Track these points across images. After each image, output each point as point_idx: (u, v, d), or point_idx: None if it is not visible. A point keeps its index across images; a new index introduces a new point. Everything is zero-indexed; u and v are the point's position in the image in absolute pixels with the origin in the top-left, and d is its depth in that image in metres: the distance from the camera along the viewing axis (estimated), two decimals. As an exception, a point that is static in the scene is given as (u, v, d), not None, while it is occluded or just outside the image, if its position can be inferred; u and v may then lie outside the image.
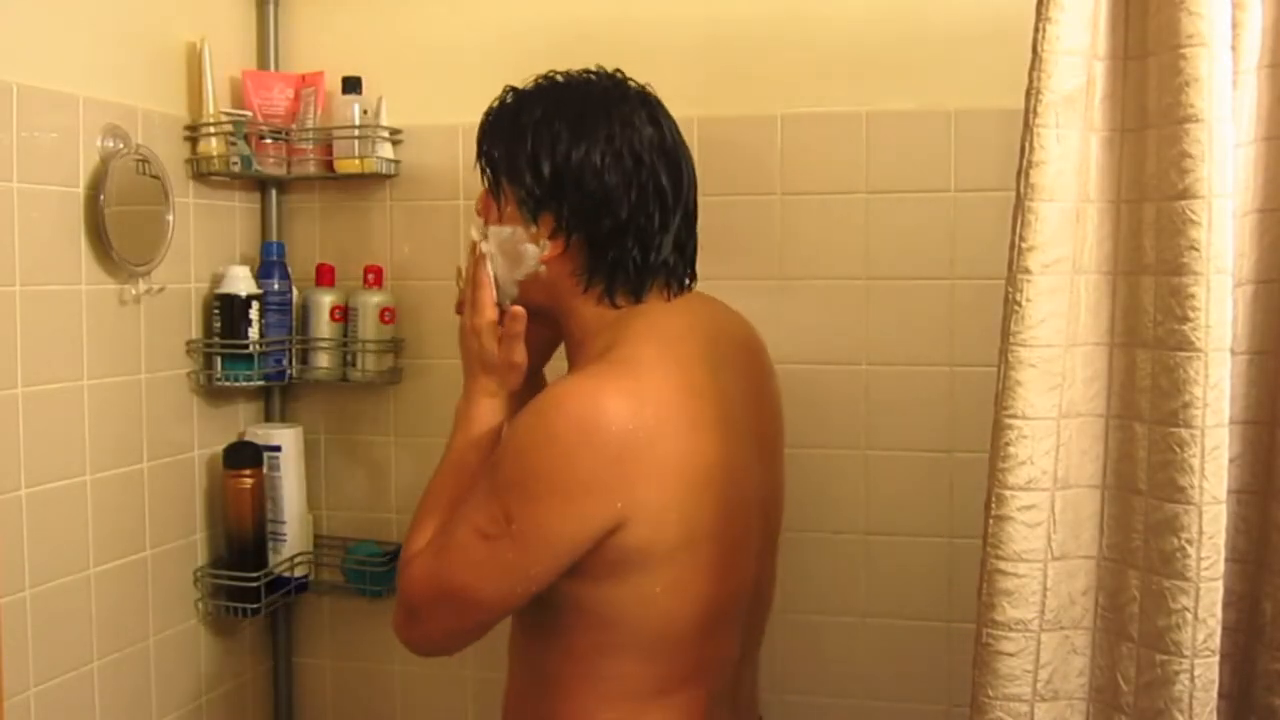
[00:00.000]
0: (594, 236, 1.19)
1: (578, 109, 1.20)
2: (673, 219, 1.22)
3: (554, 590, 1.14)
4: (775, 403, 1.36)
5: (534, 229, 1.21)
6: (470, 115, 1.81)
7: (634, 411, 1.09)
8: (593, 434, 1.08)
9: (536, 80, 1.25)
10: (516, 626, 1.27)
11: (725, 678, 1.24)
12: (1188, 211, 0.94)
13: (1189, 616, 0.95)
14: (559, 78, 1.24)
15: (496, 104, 1.26)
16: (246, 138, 1.77)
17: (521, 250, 1.22)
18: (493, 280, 1.25)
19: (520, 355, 1.25)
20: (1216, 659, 0.96)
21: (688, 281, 1.27)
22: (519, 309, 1.23)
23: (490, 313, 1.25)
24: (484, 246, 1.24)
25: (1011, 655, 1.00)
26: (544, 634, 1.20)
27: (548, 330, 1.28)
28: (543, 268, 1.22)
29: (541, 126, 1.19)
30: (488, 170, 1.25)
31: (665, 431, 1.11)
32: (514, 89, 1.26)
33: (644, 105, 1.23)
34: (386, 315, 1.84)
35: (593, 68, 1.25)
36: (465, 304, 1.28)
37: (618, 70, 1.26)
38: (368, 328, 1.83)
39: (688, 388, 1.15)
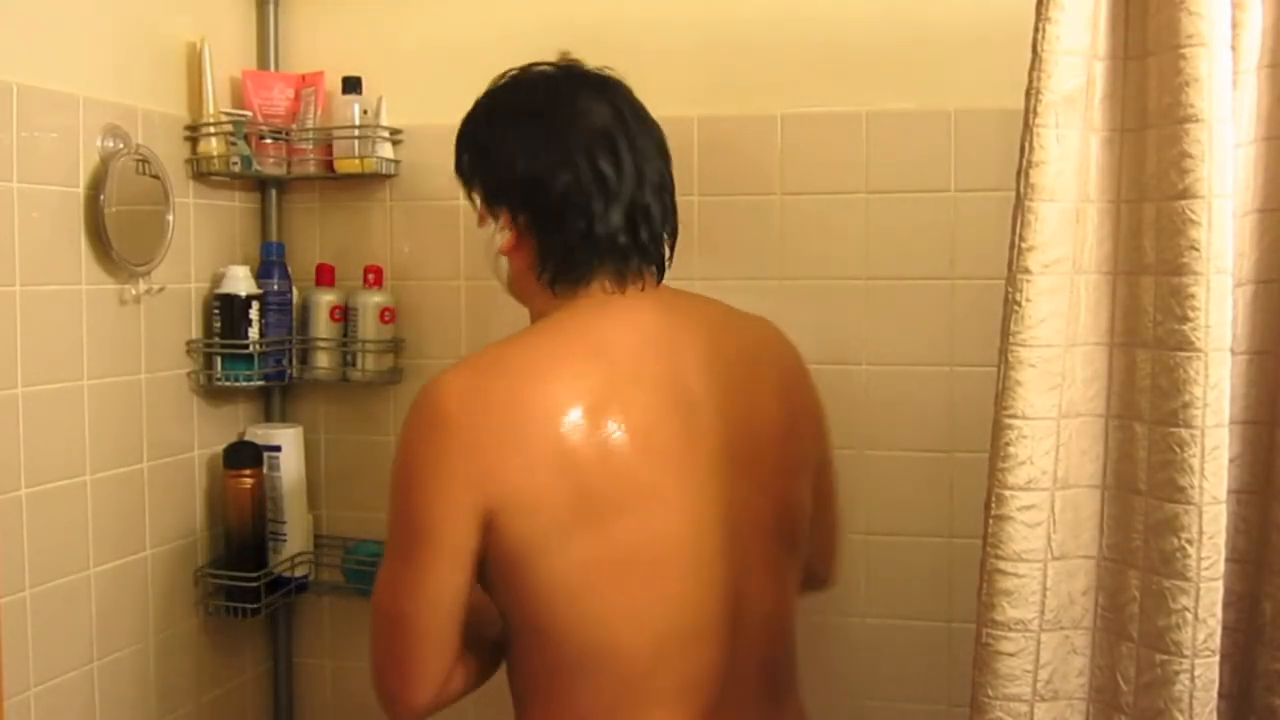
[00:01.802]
0: (536, 219, 1.20)
1: (516, 99, 1.24)
2: (615, 200, 1.18)
3: (504, 612, 1.17)
4: (779, 415, 1.26)
5: (495, 223, 1.24)
6: (470, 115, 1.83)
7: (476, 395, 1.09)
8: (442, 418, 1.09)
9: (497, 79, 1.28)
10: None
11: (700, 708, 1.17)
12: (1188, 211, 0.94)
13: (1189, 616, 0.94)
14: (515, 71, 1.27)
15: (468, 113, 1.30)
16: (246, 138, 1.77)
17: (494, 246, 1.25)
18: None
19: None
20: (1216, 659, 0.96)
21: (645, 272, 1.22)
22: None
23: None
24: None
25: (1011, 655, 1.00)
26: (510, 660, 1.22)
27: None
28: (504, 260, 1.25)
29: (491, 125, 1.25)
30: (460, 178, 1.29)
31: (538, 418, 1.09)
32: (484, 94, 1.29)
33: (587, 87, 1.22)
34: (386, 315, 1.84)
35: (553, 58, 1.28)
36: None
37: (568, 57, 1.27)
38: (368, 328, 1.83)
39: (582, 380, 1.12)
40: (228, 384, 1.77)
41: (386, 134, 1.82)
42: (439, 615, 1.13)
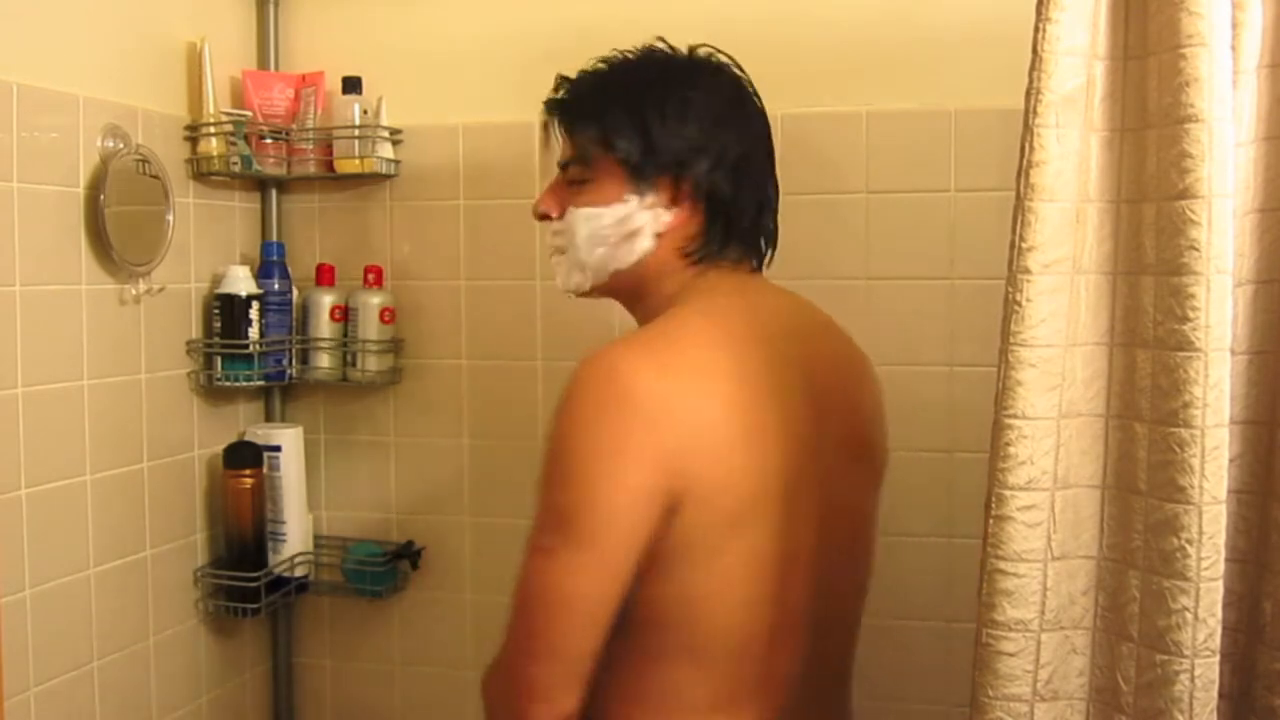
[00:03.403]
0: (715, 190, 1.21)
1: (668, 72, 1.30)
2: (759, 179, 1.24)
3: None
4: (871, 420, 1.29)
5: (637, 200, 1.20)
6: (470, 115, 1.84)
7: (661, 375, 1.03)
8: (617, 392, 1.02)
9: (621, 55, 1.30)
10: None
11: (783, 703, 1.15)
12: (1188, 211, 0.94)
13: (1189, 616, 0.94)
14: (643, 49, 1.32)
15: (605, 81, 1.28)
16: (246, 138, 1.77)
17: (628, 225, 1.22)
18: None
19: None
20: (1216, 659, 0.96)
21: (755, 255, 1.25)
22: None
23: None
24: None
25: (1011, 655, 1.00)
26: None
27: None
28: (642, 241, 1.19)
29: (655, 91, 1.27)
30: (593, 148, 1.22)
31: (708, 404, 1.04)
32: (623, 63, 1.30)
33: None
34: (386, 315, 1.84)
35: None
36: None
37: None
38: (368, 328, 1.83)
39: (737, 366, 1.08)
40: (228, 384, 1.77)
41: (386, 134, 1.82)
42: (614, 607, 1.04)
